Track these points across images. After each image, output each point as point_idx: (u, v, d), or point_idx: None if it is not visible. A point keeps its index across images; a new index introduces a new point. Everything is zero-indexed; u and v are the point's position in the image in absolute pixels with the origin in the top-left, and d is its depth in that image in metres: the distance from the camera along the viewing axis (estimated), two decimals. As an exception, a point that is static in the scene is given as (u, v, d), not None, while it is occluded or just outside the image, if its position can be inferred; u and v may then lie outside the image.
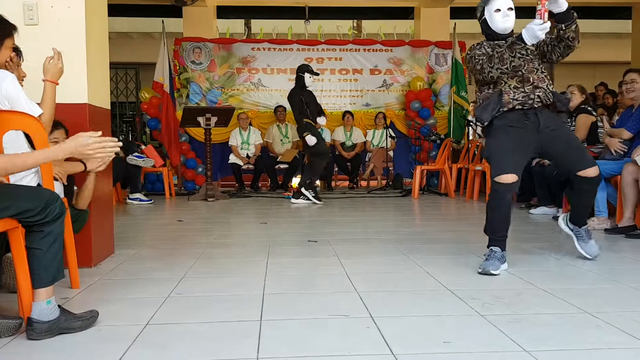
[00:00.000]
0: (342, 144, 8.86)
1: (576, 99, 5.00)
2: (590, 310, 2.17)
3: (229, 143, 8.52)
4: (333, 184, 8.78)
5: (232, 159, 8.40)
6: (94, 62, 3.17)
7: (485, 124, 2.94)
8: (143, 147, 7.31)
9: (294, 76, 6.76)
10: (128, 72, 11.43)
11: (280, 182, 8.48)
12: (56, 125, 2.79)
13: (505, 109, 2.89)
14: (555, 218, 4.91)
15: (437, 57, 9.38)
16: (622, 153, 4.29)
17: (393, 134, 8.63)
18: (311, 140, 6.45)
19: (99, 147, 1.92)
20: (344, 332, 1.97)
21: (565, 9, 2.78)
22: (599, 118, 5.07)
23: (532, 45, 2.82)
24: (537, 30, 2.68)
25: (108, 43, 3.50)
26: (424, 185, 8.02)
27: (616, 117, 5.12)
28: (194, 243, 3.87)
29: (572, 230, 3.22)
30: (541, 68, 2.96)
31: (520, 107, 2.88)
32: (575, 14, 2.81)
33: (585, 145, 4.91)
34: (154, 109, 8.46)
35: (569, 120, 5.15)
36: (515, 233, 4.42)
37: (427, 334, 1.94)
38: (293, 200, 6.68)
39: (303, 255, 3.44)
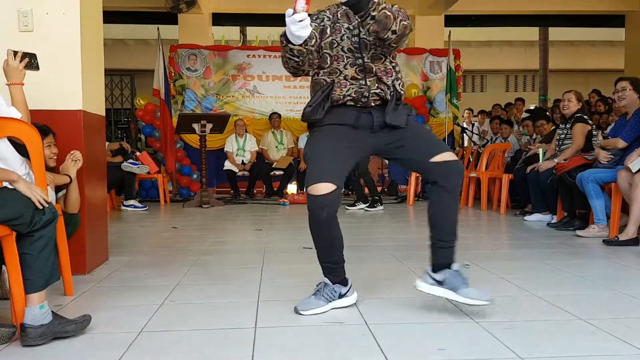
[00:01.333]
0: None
1: (572, 106, 5.02)
2: (584, 316, 2.18)
3: (225, 149, 8.52)
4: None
5: (227, 165, 8.40)
6: (89, 68, 3.16)
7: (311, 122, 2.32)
8: (138, 153, 7.30)
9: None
10: (123, 78, 11.44)
11: (275, 189, 8.47)
12: (46, 131, 2.79)
13: (335, 104, 2.28)
14: (550, 225, 4.92)
15: (432, 65, 9.41)
16: (610, 160, 4.31)
17: (388, 141, 8.63)
18: None
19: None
20: (339, 340, 1.97)
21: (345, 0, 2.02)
22: (594, 127, 5.09)
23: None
24: (290, 24, 1.99)
25: (103, 50, 3.50)
26: (419, 192, 8.02)
27: (611, 126, 5.14)
28: (189, 250, 3.86)
29: (441, 284, 2.25)
30: (390, 57, 2.30)
31: (352, 103, 2.28)
32: (373, 1, 2.01)
33: (580, 152, 4.93)
34: (149, 115, 8.46)
35: (564, 126, 5.17)
36: (510, 240, 4.44)
37: (421, 341, 1.94)
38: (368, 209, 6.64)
39: (298, 262, 3.44)
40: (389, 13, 2.05)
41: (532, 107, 9.26)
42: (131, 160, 6.60)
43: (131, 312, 2.33)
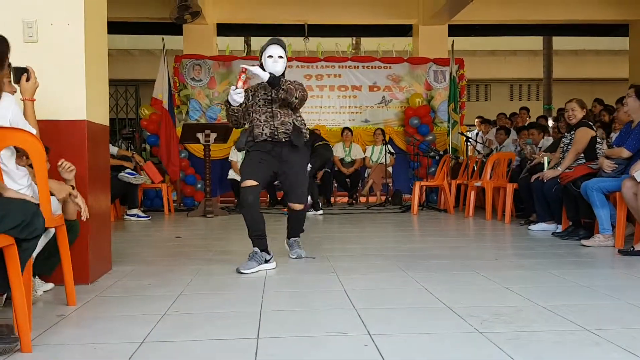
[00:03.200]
0: (342, 160, 8.88)
1: (578, 114, 4.99)
2: (589, 327, 2.16)
3: (229, 158, 8.52)
4: (332, 199, 8.77)
5: (232, 175, 8.40)
6: (93, 78, 3.18)
7: (243, 151, 3.65)
8: (142, 163, 7.30)
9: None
10: (128, 88, 11.48)
11: (279, 199, 8.47)
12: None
13: (257, 140, 3.56)
14: (555, 234, 4.90)
15: (436, 74, 9.42)
16: (615, 169, 4.29)
17: (392, 150, 8.64)
18: None
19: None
20: (342, 350, 1.96)
21: (267, 80, 3.41)
22: (598, 134, 5.07)
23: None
24: (232, 94, 3.40)
25: (107, 60, 3.52)
26: (423, 201, 8.01)
27: (616, 134, 5.11)
28: (192, 259, 3.86)
29: (287, 245, 3.95)
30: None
31: (270, 139, 3.55)
32: (282, 80, 3.43)
33: (584, 161, 4.91)
34: (153, 125, 8.48)
35: (569, 135, 5.15)
36: (515, 249, 4.42)
37: (425, 351, 1.93)
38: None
39: (301, 271, 3.43)
40: (292, 87, 3.46)
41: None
42: (128, 171, 6.60)
43: (133, 322, 2.32)
